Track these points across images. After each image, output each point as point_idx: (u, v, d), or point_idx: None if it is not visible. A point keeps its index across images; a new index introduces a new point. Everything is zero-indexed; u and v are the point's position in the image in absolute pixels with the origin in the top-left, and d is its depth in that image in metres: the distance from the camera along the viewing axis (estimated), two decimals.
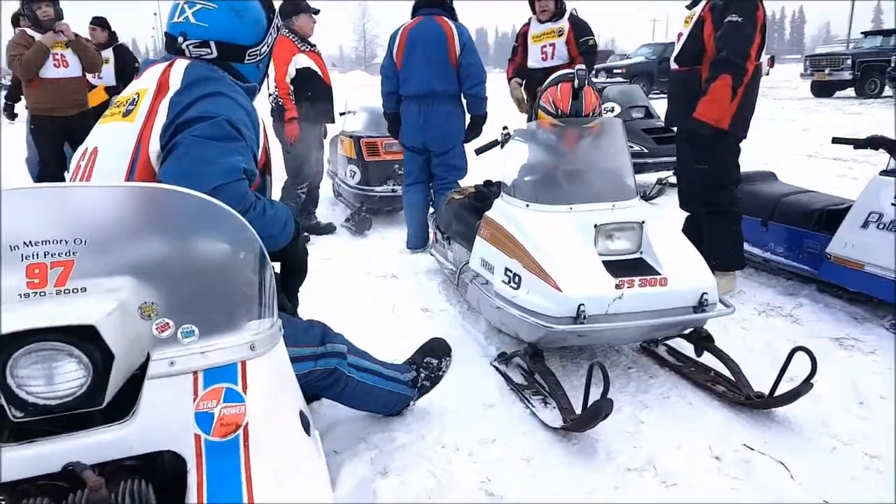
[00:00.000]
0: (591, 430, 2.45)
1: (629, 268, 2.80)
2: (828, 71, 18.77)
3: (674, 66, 4.01)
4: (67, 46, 5.48)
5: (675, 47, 4.01)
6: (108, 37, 6.67)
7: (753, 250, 4.23)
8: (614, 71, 22.93)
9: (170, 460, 1.21)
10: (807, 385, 2.47)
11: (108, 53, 6.48)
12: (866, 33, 21.61)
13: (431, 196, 5.21)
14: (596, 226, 2.87)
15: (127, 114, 1.93)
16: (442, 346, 2.97)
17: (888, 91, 17.78)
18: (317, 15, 5.52)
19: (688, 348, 3.05)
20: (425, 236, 5.10)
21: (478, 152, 3.78)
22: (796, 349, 2.49)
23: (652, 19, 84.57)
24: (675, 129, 4.25)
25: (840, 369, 2.97)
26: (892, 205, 3.34)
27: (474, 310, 3.61)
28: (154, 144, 1.84)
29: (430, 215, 4.97)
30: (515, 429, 2.63)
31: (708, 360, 2.96)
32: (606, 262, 2.79)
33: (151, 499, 1.15)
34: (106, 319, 1.13)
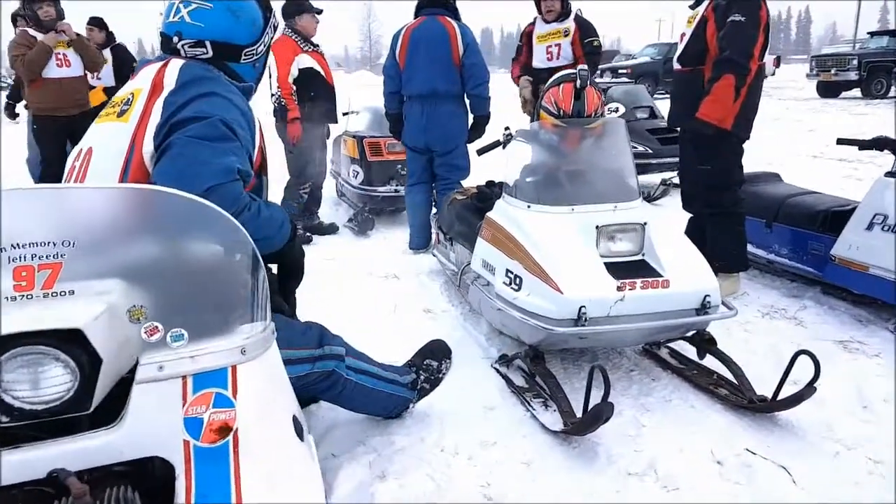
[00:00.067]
0: (592, 433, 2.43)
1: (631, 269, 2.78)
2: (834, 71, 18.70)
3: (677, 66, 3.99)
4: (69, 46, 5.48)
5: (678, 47, 4.00)
6: (105, 37, 6.66)
7: (757, 252, 4.20)
8: (619, 71, 22.88)
9: (158, 466, 1.19)
10: (810, 389, 2.45)
11: (106, 54, 6.46)
12: (873, 33, 21.51)
13: (434, 196, 5.19)
14: (598, 227, 2.85)
15: (121, 114, 1.92)
16: (442, 348, 2.94)
17: (894, 92, 17.73)
18: (320, 15, 5.52)
19: (690, 351, 3.03)
20: (428, 237, 5.08)
21: (479, 153, 3.78)
22: (799, 352, 2.46)
23: (657, 19, 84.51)
24: (678, 129, 4.22)
25: (844, 372, 2.94)
26: None
27: (476, 311, 3.59)
28: (148, 145, 1.82)
29: (432, 216, 4.95)
30: (516, 432, 2.61)
31: (710, 362, 2.93)
32: (608, 264, 2.77)
33: None
34: (93, 323, 1.12)
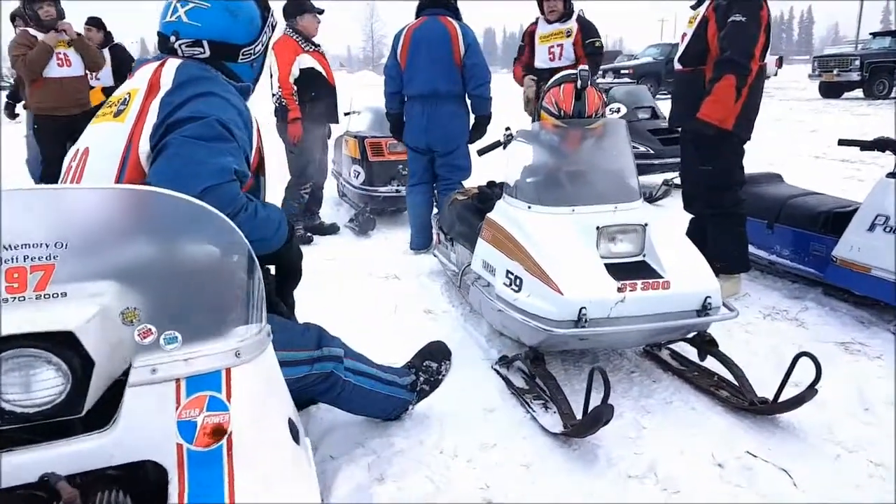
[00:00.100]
0: (592, 435, 2.42)
1: (631, 270, 2.76)
2: (836, 72, 18.64)
3: (678, 66, 3.98)
4: (70, 45, 5.48)
5: (679, 47, 3.98)
6: (103, 37, 6.65)
7: (759, 253, 4.19)
8: (622, 71, 22.85)
9: (151, 470, 1.18)
10: (811, 391, 2.43)
11: (105, 54, 6.45)
12: (875, 34, 21.43)
13: (435, 197, 5.18)
14: (598, 228, 2.83)
15: (118, 114, 1.90)
16: (442, 350, 2.93)
17: None
18: (321, 15, 5.51)
19: (691, 352, 3.01)
20: (428, 237, 5.07)
21: (480, 153, 3.77)
22: (801, 354, 2.45)
23: (660, 19, 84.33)
24: (679, 129, 4.21)
25: (845, 374, 2.93)
26: None
27: (476, 312, 3.57)
28: (144, 145, 1.81)
29: (433, 216, 4.94)
30: (516, 434, 2.59)
31: (711, 364, 2.92)
32: (609, 265, 2.76)
33: None
34: (86, 325, 1.11)
